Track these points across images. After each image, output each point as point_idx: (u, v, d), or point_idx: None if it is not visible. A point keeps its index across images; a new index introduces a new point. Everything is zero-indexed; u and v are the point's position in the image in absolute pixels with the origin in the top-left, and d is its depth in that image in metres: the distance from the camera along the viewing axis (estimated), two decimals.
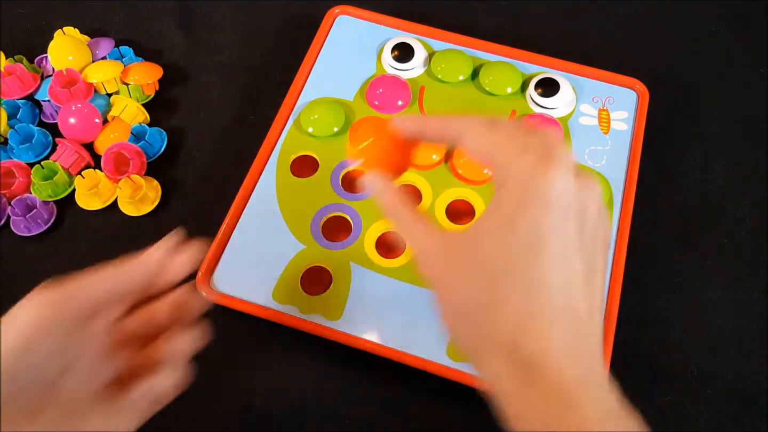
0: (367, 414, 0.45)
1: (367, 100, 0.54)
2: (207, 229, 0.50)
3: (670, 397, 0.46)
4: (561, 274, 0.26)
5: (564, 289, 0.26)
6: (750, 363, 0.47)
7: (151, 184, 0.52)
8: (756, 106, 0.58)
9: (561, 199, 0.26)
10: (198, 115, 0.57)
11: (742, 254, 0.51)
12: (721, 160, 0.55)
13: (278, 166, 0.51)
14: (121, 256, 0.50)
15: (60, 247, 0.50)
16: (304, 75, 0.55)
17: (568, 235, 0.26)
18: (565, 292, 0.26)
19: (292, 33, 0.61)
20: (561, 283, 0.26)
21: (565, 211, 0.26)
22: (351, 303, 0.46)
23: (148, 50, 0.60)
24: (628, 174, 0.51)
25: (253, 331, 0.47)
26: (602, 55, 0.60)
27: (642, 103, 0.54)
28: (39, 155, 0.53)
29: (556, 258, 0.25)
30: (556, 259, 0.25)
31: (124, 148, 0.52)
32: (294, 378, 0.46)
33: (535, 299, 0.25)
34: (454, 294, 0.27)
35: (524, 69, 0.55)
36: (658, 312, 0.49)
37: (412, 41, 0.55)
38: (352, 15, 0.58)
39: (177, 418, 0.45)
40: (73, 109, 0.53)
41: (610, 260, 0.47)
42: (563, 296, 0.25)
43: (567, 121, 0.54)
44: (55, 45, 0.55)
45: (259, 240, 0.48)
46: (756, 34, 0.62)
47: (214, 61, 0.59)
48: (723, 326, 0.48)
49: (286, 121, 0.53)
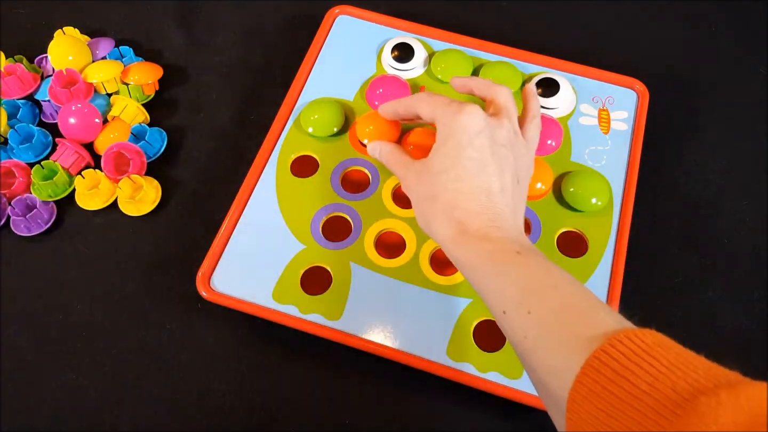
0: (367, 414, 0.45)
1: (367, 100, 0.54)
2: (207, 229, 0.50)
3: None
4: (476, 167, 0.39)
5: (479, 176, 0.39)
6: (750, 363, 0.47)
7: (151, 184, 0.52)
8: (756, 106, 0.58)
9: (474, 127, 0.40)
10: (198, 115, 0.57)
11: (742, 254, 0.51)
12: (721, 160, 0.55)
13: (278, 166, 0.51)
14: (121, 256, 0.50)
15: (60, 247, 0.50)
16: (304, 75, 0.55)
17: (481, 147, 0.40)
18: (480, 178, 0.39)
19: (292, 33, 0.61)
20: (476, 172, 0.39)
21: (477, 133, 0.40)
22: (351, 303, 0.46)
23: (148, 50, 0.60)
24: (628, 174, 0.51)
25: (253, 331, 0.47)
26: (602, 55, 0.60)
27: (642, 103, 0.54)
28: (39, 155, 0.53)
29: (472, 159, 0.39)
30: (472, 160, 0.39)
31: (124, 148, 0.52)
32: (294, 378, 0.46)
33: (460, 184, 0.39)
34: (417, 193, 0.42)
35: (524, 69, 0.55)
36: (658, 312, 0.49)
37: (412, 41, 0.55)
38: (352, 15, 0.58)
39: (177, 418, 0.45)
40: (73, 109, 0.53)
41: (610, 260, 0.48)
42: (479, 180, 0.39)
43: (567, 121, 0.54)
44: (55, 45, 0.55)
45: (259, 240, 0.48)
46: (756, 34, 0.62)
47: (214, 61, 0.59)
48: (723, 326, 0.48)
49: (286, 121, 0.53)
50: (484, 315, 0.46)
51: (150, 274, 0.49)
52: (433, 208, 0.40)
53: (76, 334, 0.47)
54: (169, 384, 0.46)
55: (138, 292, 0.49)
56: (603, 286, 0.47)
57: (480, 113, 0.40)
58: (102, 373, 0.46)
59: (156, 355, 0.47)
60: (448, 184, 0.40)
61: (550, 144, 0.52)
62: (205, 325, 0.48)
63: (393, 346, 0.44)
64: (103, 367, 0.46)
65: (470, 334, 0.45)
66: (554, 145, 0.52)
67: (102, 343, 0.47)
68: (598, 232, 0.49)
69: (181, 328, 0.48)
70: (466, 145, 0.40)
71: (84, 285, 0.49)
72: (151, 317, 0.48)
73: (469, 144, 0.40)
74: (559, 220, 0.49)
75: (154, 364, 0.46)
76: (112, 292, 0.49)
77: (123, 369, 0.46)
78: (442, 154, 0.40)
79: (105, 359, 0.46)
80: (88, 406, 0.45)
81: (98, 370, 0.46)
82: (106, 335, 0.47)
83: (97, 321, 0.48)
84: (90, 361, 0.46)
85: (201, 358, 0.47)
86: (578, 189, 0.49)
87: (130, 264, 0.50)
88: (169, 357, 0.47)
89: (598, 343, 0.30)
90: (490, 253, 0.37)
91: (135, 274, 0.49)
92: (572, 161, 0.52)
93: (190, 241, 0.51)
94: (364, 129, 0.50)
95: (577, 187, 0.49)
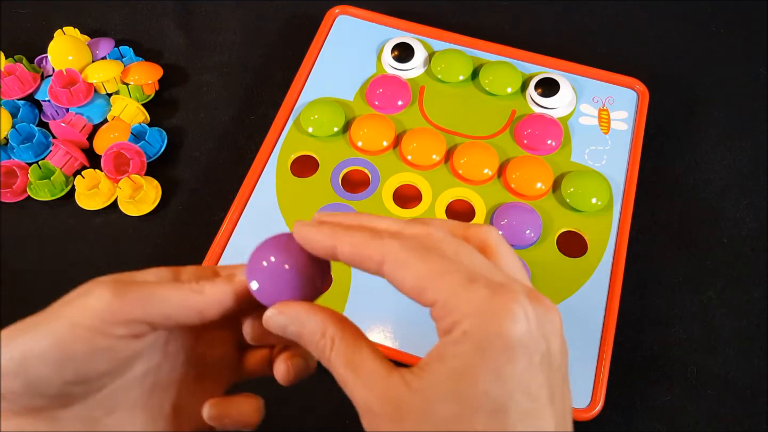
0: None
1: (367, 100, 0.54)
2: (207, 229, 0.50)
3: (670, 397, 0.46)
4: (529, 424, 0.21)
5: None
6: (750, 363, 0.47)
7: (151, 184, 0.52)
8: (756, 106, 0.58)
9: (524, 341, 0.21)
10: (198, 115, 0.57)
11: (742, 254, 0.51)
12: (720, 160, 0.55)
13: (278, 166, 0.51)
14: (121, 256, 0.50)
15: (60, 247, 0.50)
16: (304, 75, 0.55)
17: (537, 384, 0.21)
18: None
19: (292, 33, 0.61)
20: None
21: (530, 356, 0.21)
22: (351, 303, 0.46)
23: (148, 50, 0.60)
24: (628, 174, 0.51)
25: None
26: (602, 55, 0.60)
27: (642, 103, 0.54)
28: (39, 155, 0.53)
29: (524, 418, 0.21)
30: (524, 420, 0.21)
31: (124, 148, 0.52)
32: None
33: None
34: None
35: (524, 69, 0.55)
36: (658, 312, 0.49)
37: (412, 41, 0.55)
38: (352, 15, 0.58)
39: None
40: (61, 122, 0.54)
41: (610, 260, 0.47)
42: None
43: (567, 121, 0.54)
44: (55, 45, 0.55)
45: (259, 240, 0.48)
46: (756, 34, 0.62)
47: (214, 61, 0.59)
48: (723, 326, 0.48)
49: (286, 121, 0.53)
50: None
51: None
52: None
53: None
54: None
55: None
56: (603, 286, 0.47)
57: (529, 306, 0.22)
58: None
59: None
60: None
61: (550, 144, 0.52)
62: None
63: (393, 346, 0.44)
64: None
65: None
66: (554, 145, 0.52)
67: None
68: (598, 232, 0.49)
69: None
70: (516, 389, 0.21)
71: None
72: None
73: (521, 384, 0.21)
74: (559, 220, 0.49)
75: None
76: None
77: None
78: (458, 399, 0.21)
79: None
80: None
81: None
82: None
83: None
84: None
85: None
86: (578, 189, 0.49)
87: (130, 264, 0.50)
88: None
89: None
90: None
91: None
92: (572, 161, 0.52)
93: (190, 241, 0.50)
94: (359, 132, 0.51)
95: (577, 187, 0.49)
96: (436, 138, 0.51)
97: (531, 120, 0.53)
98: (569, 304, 0.46)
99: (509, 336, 0.21)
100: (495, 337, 0.21)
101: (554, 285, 0.47)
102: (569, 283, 0.47)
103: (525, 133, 0.52)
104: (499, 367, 0.21)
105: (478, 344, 0.21)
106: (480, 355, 0.21)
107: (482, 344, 0.21)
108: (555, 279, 0.47)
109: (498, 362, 0.21)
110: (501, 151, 0.52)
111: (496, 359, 0.21)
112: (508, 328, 0.21)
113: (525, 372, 0.21)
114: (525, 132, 0.52)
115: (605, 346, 0.44)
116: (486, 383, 0.20)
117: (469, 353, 0.21)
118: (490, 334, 0.21)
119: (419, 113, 0.54)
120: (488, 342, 0.21)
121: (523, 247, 0.48)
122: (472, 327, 0.21)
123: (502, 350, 0.21)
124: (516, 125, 0.53)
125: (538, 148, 0.52)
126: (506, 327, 0.21)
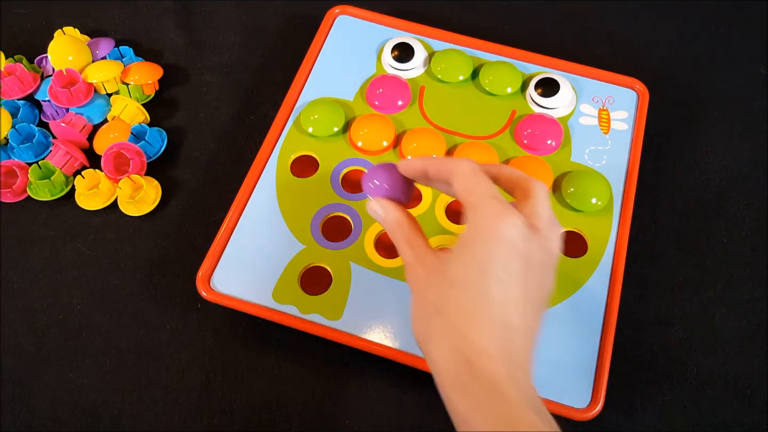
0: (367, 414, 0.45)
1: (367, 100, 0.54)
2: (207, 229, 0.50)
3: (670, 397, 0.46)
4: (501, 295, 0.32)
5: (503, 306, 0.32)
6: (750, 363, 0.47)
7: (151, 184, 0.52)
8: (756, 106, 0.58)
9: (510, 239, 0.32)
10: (198, 115, 0.57)
11: (742, 254, 0.51)
12: (720, 160, 0.55)
13: (278, 166, 0.51)
14: (121, 256, 0.50)
15: (60, 247, 0.50)
16: (304, 75, 0.55)
17: (512, 269, 0.32)
18: (503, 309, 0.32)
19: (292, 33, 0.61)
20: (501, 301, 0.32)
21: (511, 251, 0.32)
22: (351, 303, 0.46)
23: (148, 50, 0.60)
24: (628, 174, 0.51)
25: (253, 331, 0.47)
26: (602, 55, 0.60)
27: (642, 103, 0.54)
28: (39, 155, 0.53)
29: (499, 283, 0.32)
30: (499, 284, 0.32)
31: (124, 148, 0.52)
32: (294, 378, 0.46)
33: (478, 309, 0.32)
34: (422, 293, 0.35)
35: (524, 69, 0.55)
36: (658, 312, 0.49)
37: (412, 41, 0.55)
38: (352, 15, 0.58)
39: (177, 418, 0.45)
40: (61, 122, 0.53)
41: (610, 260, 0.47)
42: (501, 312, 0.32)
43: (567, 121, 0.54)
44: (55, 45, 0.55)
45: (259, 240, 0.48)
46: (756, 34, 0.62)
47: (214, 61, 0.59)
48: (723, 326, 0.48)
49: (286, 121, 0.53)
50: None
51: (150, 274, 0.49)
52: (437, 323, 0.33)
53: (76, 334, 0.47)
54: (169, 384, 0.46)
55: (138, 292, 0.49)
56: (603, 286, 0.47)
57: (523, 227, 0.33)
58: (102, 373, 0.46)
59: (156, 355, 0.47)
60: (463, 303, 0.32)
61: (550, 144, 0.52)
62: (205, 325, 0.48)
63: (393, 346, 0.44)
64: (103, 367, 0.46)
65: None
66: (554, 145, 0.52)
67: (102, 343, 0.47)
68: (598, 232, 0.49)
69: (181, 328, 0.48)
70: (496, 263, 0.32)
71: (84, 285, 0.49)
72: (151, 317, 0.48)
73: (500, 263, 0.32)
74: (559, 220, 0.49)
75: (154, 364, 0.46)
76: (112, 292, 0.49)
77: (123, 369, 0.46)
78: (464, 262, 0.33)
79: (105, 359, 0.46)
80: (88, 406, 0.45)
81: (98, 370, 0.46)
82: (106, 335, 0.47)
83: (97, 321, 0.48)
84: (90, 361, 0.46)
85: (201, 358, 0.47)
86: (578, 189, 0.49)
87: (130, 264, 0.50)
88: (169, 357, 0.47)
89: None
90: (504, 421, 0.30)
91: (135, 274, 0.49)
92: (572, 161, 0.52)
93: (190, 241, 0.51)
94: (359, 132, 0.51)
95: (577, 187, 0.49)
96: (436, 138, 0.51)
97: (531, 120, 0.53)
98: (569, 304, 0.46)
99: (501, 233, 0.32)
100: (491, 232, 0.32)
101: (554, 285, 0.47)
102: (569, 283, 0.47)
103: (525, 133, 0.52)
104: (488, 245, 0.32)
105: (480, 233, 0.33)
106: (479, 238, 0.33)
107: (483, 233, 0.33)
108: (555, 279, 0.47)
109: (488, 243, 0.32)
110: (501, 151, 0.52)
111: (488, 242, 0.32)
112: (501, 229, 0.32)
113: (504, 254, 0.32)
114: (525, 132, 0.52)
115: (605, 346, 0.44)
116: (479, 256, 0.32)
117: (473, 236, 0.33)
118: (489, 230, 0.32)
119: (419, 113, 0.54)
120: (487, 232, 0.32)
121: None
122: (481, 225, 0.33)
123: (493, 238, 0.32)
124: (516, 125, 0.53)
125: (538, 148, 0.52)
126: (500, 228, 0.32)
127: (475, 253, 0.33)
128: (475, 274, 0.32)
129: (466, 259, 0.33)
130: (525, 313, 0.33)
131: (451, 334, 0.32)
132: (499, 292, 0.32)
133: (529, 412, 0.30)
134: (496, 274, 0.32)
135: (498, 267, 0.32)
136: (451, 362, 0.32)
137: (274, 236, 0.48)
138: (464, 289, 0.33)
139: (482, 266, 0.32)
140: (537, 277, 0.34)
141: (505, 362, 0.31)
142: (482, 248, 0.32)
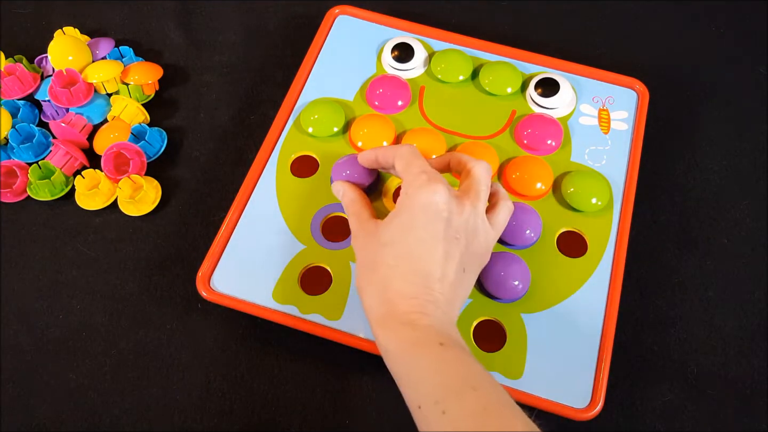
0: (367, 414, 0.45)
1: (367, 100, 0.54)
2: (207, 229, 0.50)
3: (670, 397, 0.46)
4: (421, 250, 0.38)
5: (423, 259, 0.38)
6: (750, 363, 0.47)
7: (151, 184, 0.52)
8: (756, 106, 0.58)
9: (433, 207, 0.39)
10: (198, 115, 0.57)
11: (742, 254, 0.51)
12: (720, 160, 0.55)
13: (278, 166, 0.51)
14: (121, 256, 0.50)
15: (60, 247, 0.50)
16: (304, 75, 0.55)
17: (434, 230, 0.38)
18: (423, 262, 0.38)
19: (292, 33, 0.61)
20: (420, 255, 0.38)
21: (434, 214, 0.39)
22: (351, 303, 0.46)
23: (148, 50, 0.60)
24: (628, 174, 0.51)
25: (253, 331, 0.47)
26: (602, 55, 0.60)
27: (642, 103, 0.54)
28: (39, 155, 0.53)
29: (419, 241, 0.38)
30: (419, 242, 0.38)
31: (124, 148, 0.52)
32: (294, 378, 0.46)
33: (401, 262, 0.38)
34: (361, 256, 0.42)
35: (524, 69, 0.55)
36: (658, 312, 0.49)
37: (412, 41, 0.55)
38: (352, 15, 0.58)
39: (177, 418, 0.45)
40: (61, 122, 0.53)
41: (610, 260, 0.48)
42: (421, 264, 0.38)
43: (567, 121, 0.54)
44: (55, 45, 0.55)
45: (259, 240, 0.48)
46: (756, 34, 0.62)
47: (214, 61, 0.59)
48: (723, 326, 0.48)
49: (286, 121, 0.53)
50: (484, 315, 0.46)
51: (150, 274, 0.49)
52: (370, 278, 0.39)
53: (76, 334, 0.47)
54: (169, 384, 0.46)
55: (138, 292, 0.49)
56: (603, 286, 0.47)
57: (444, 194, 0.39)
58: (102, 373, 0.46)
59: (156, 355, 0.47)
60: (389, 259, 0.39)
61: (550, 144, 0.52)
62: (205, 325, 0.48)
63: None
64: (103, 367, 0.46)
65: (470, 334, 0.45)
66: (554, 145, 0.52)
67: (102, 343, 0.47)
68: (598, 232, 0.49)
69: (181, 328, 0.48)
70: (418, 225, 0.38)
71: (84, 285, 0.49)
72: (151, 317, 0.48)
73: (422, 224, 0.38)
74: (559, 220, 0.49)
75: (154, 364, 0.46)
76: (112, 292, 0.49)
77: (123, 369, 0.46)
78: (393, 225, 0.40)
79: (105, 359, 0.46)
80: (88, 406, 0.45)
81: (98, 370, 0.46)
82: (106, 335, 0.47)
83: (97, 321, 0.48)
84: (90, 361, 0.46)
85: (201, 358, 0.47)
86: (578, 189, 0.49)
87: (130, 264, 0.50)
88: (169, 357, 0.47)
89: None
90: (411, 342, 0.36)
91: (135, 274, 0.49)
92: (572, 161, 0.52)
93: (190, 241, 0.51)
94: (359, 132, 0.51)
95: (577, 187, 0.49)
96: (436, 138, 0.51)
97: (531, 120, 0.53)
98: (569, 304, 0.46)
99: (423, 200, 0.39)
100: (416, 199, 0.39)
101: (554, 285, 0.47)
102: (569, 283, 0.47)
103: (525, 133, 0.52)
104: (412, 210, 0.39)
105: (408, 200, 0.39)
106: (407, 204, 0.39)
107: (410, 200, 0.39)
108: (555, 279, 0.47)
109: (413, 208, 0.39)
110: (501, 151, 0.52)
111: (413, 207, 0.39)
112: (424, 196, 0.39)
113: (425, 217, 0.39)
114: (525, 132, 0.52)
115: (605, 346, 0.44)
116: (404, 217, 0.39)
117: (402, 204, 0.40)
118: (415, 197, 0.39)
119: (419, 113, 0.54)
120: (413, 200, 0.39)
121: (523, 247, 0.48)
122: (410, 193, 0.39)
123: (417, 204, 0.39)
124: (516, 125, 0.53)
125: (538, 148, 0.52)
126: (424, 195, 0.39)
127: (402, 217, 0.39)
128: (400, 234, 0.39)
129: (394, 223, 0.40)
130: (446, 266, 0.38)
131: (378, 284, 0.39)
132: (419, 248, 0.38)
133: (434, 335, 0.35)
134: (417, 233, 0.38)
135: (419, 227, 0.38)
136: (377, 306, 0.38)
137: (274, 236, 0.48)
138: (391, 247, 0.39)
139: (406, 227, 0.39)
140: (462, 239, 0.39)
141: (420, 302, 0.37)
142: (408, 213, 0.39)
